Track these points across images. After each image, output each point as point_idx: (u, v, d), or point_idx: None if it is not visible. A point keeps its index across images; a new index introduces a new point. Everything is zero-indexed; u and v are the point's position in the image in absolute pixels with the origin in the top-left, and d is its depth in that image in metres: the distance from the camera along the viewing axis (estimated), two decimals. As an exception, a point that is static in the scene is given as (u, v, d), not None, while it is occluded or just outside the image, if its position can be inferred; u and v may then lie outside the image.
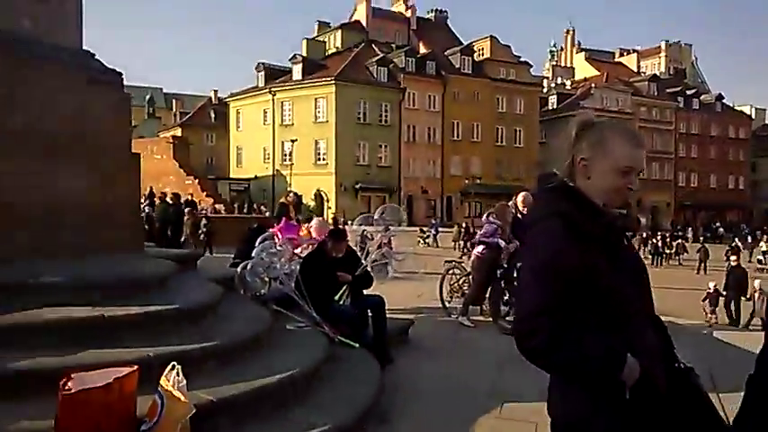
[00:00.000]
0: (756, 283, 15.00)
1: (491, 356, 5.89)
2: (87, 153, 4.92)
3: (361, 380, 4.42)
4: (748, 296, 13.93)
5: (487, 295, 7.42)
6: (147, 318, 3.78)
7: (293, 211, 9.46)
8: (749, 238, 40.49)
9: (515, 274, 7.38)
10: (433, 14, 62.04)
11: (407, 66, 49.68)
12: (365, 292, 5.93)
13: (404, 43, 55.51)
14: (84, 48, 5.25)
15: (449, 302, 8.08)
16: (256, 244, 5.92)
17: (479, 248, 7.37)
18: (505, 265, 7.40)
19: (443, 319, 7.79)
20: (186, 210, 18.07)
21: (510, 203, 7.67)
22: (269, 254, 5.56)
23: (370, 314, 5.72)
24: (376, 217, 6.31)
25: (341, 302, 5.49)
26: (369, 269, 5.91)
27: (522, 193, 7.65)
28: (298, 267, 5.64)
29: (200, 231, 18.08)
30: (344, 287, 5.56)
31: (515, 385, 4.98)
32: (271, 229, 7.19)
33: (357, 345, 5.10)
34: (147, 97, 78.97)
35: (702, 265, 26.55)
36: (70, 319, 3.50)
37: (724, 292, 14.20)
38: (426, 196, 50.02)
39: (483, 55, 54.26)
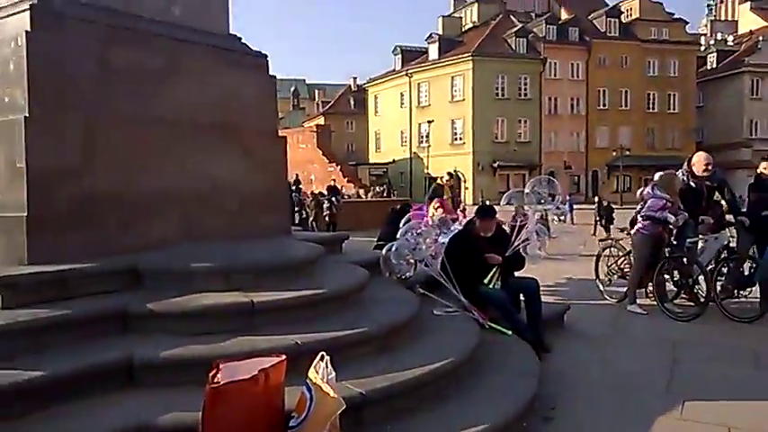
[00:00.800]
0: None
1: (663, 346, 5.25)
2: (238, 137, 4.98)
3: (518, 370, 4.06)
4: None
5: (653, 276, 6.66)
6: (297, 303, 3.70)
7: (449, 192, 9.28)
8: None
9: (686, 251, 6.60)
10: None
11: (548, 34, 47.44)
12: (517, 274, 5.52)
13: (544, 11, 53.03)
14: (231, 32, 5.32)
15: (607, 285, 7.40)
16: (401, 225, 5.73)
17: (642, 224, 6.62)
18: (674, 242, 6.61)
19: (601, 303, 7.15)
20: (311, 193, 19.09)
21: (678, 172, 6.83)
22: (414, 235, 5.33)
23: (522, 298, 5.32)
24: (527, 191, 5.84)
25: (490, 286, 5.13)
26: (521, 249, 5.48)
27: (699, 153, 6.79)
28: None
29: (324, 214, 19.09)
30: (494, 269, 5.19)
31: (697, 380, 4.36)
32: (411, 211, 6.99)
33: (510, 332, 4.74)
34: (292, 89, 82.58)
35: None
36: (219, 305, 3.49)
37: None
38: (570, 172, 47.69)
39: (631, 15, 50.40)
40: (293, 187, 20.16)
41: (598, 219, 19.87)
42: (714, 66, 54.35)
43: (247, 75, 5.14)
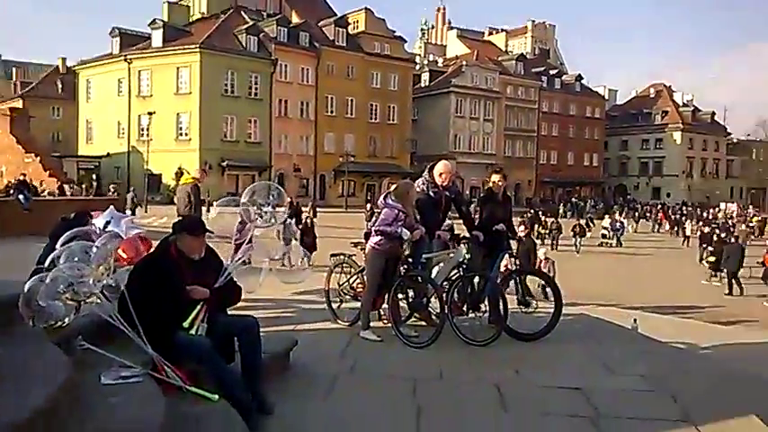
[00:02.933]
0: (540, 252, 15.09)
1: (403, 387, 4.44)
2: None
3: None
4: (536, 266, 13.64)
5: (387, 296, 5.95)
6: None
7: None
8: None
9: (421, 268, 6.03)
10: (306, -17, 59.27)
11: (279, 35, 47.09)
12: (230, 311, 4.22)
13: (275, 12, 52.71)
14: None
15: (338, 306, 6.54)
16: (58, 245, 4.01)
17: (375, 239, 5.86)
18: (410, 259, 5.99)
19: (335, 328, 6.26)
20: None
21: (419, 180, 6.26)
22: (79, 258, 3.67)
23: (237, 343, 4.02)
24: (244, 200, 4.58)
25: (192, 331, 3.73)
26: (234, 276, 4.19)
27: (443, 162, 6.26)
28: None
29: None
30: (199, 306, 3.81)
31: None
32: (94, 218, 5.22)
33: (216, 396, 3.42)
34: (-22, 64, 69.38)
35: (555, 242, 27.48)
36: None
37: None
38: (299, 175, 48.07)
39: (358, 27, 52.78)
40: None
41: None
42: (427, 84, 60.11)
43: None
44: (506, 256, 6.44)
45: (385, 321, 6.11)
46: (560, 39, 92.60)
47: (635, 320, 8.08)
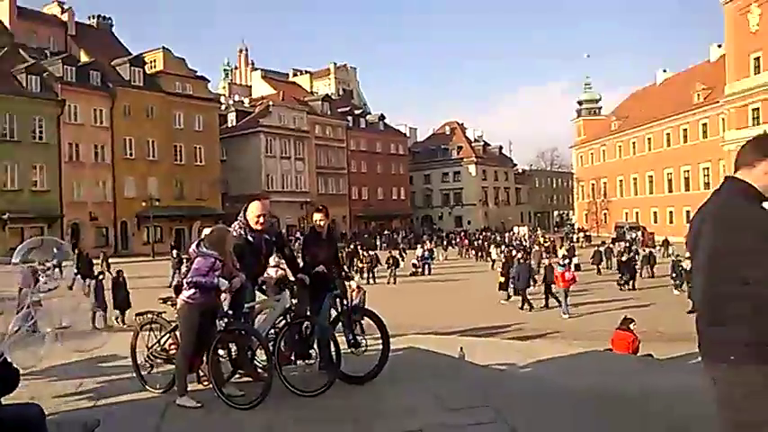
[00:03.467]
0: (353, 282, 15.69)
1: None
2: None
3: None
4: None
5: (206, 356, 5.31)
6: None
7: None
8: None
9: (243, 320, 5.50)
10: (96, 21, 55.35)
11: (66, 75, 43.19)
12: (5, 400, 3.36)
13: (61, 50, 48.35)
14: None
15: (148, 371, 5.73)
16: None
17: (188, 292, 5.22)
18: (230, 311, 5.42)
19: (146, 398, 5.43)
20: None
21: (234, 224, 5.73)
22: None
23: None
24: (16, 260, 3.76)
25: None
26: (8, 356, 3.36)
27: (254, 202, 5.75)
28: None
29: None
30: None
31: None
32: None
33: None
34: None
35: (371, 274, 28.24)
36: None
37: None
38: (96, 223, 44.00)
39: (155, 67, 50.25)
40: None
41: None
42: (234, 124, 59.01)
43: None
44: (334, 296, 6.14)
45: (205, 383, 5.45)
46: (362, 80, 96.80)
47: (461, 349, 8.23)
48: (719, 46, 56.57)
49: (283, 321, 5.62)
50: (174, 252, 28.36)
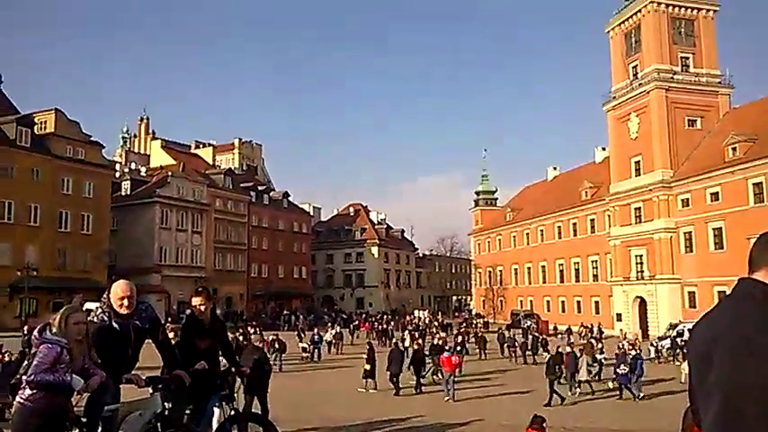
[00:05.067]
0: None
1: None
2: None
3: None
4: None
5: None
6: None
7: None
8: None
9: (103, 425, 4.39)
10: (-19, 76, 51.82)
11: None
12: None
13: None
14: None
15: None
16: None
17: (26, 392, 4.10)
18: (84, 418, 4.30)
19: None
20: None
21: (95, 305, 4.69)
22: None
23: None
24: None
25: None
26: None
27: (118, 282, 4.72)
28: None
29: None
30: None
31: None
32: None
33: None
34: None
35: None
36: None
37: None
38: (-41, 293, 39.32)
39: (46, 128, 47.30)
40: None
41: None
42: (128, 192, 56.15)
43: None
44: (220, 398, 5.12)
45: None
46: (267, 158, 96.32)
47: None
48: (604, 149, 61.24)
49: (154, 427, 4.56)
50: (25, 328, 23.23)
